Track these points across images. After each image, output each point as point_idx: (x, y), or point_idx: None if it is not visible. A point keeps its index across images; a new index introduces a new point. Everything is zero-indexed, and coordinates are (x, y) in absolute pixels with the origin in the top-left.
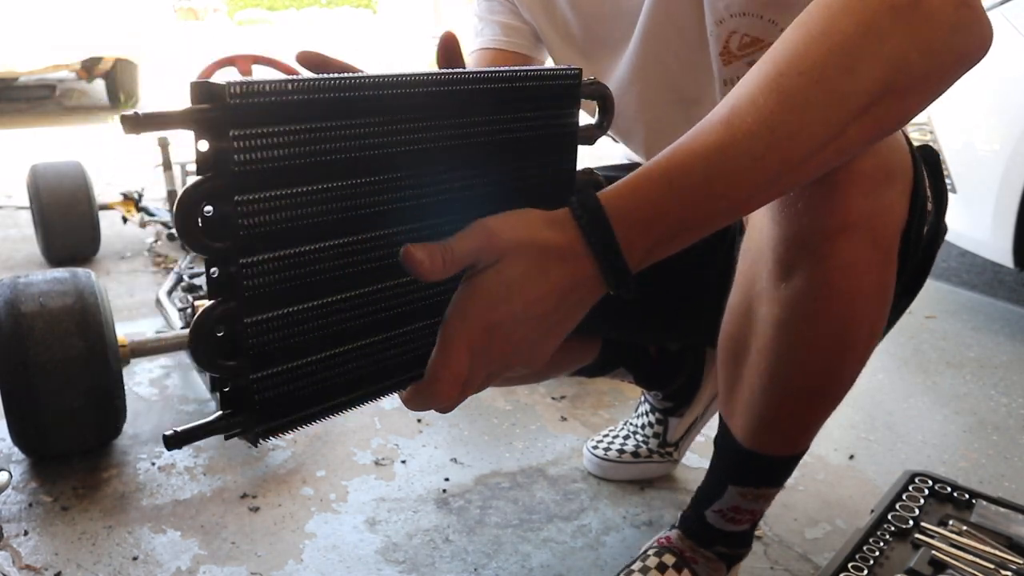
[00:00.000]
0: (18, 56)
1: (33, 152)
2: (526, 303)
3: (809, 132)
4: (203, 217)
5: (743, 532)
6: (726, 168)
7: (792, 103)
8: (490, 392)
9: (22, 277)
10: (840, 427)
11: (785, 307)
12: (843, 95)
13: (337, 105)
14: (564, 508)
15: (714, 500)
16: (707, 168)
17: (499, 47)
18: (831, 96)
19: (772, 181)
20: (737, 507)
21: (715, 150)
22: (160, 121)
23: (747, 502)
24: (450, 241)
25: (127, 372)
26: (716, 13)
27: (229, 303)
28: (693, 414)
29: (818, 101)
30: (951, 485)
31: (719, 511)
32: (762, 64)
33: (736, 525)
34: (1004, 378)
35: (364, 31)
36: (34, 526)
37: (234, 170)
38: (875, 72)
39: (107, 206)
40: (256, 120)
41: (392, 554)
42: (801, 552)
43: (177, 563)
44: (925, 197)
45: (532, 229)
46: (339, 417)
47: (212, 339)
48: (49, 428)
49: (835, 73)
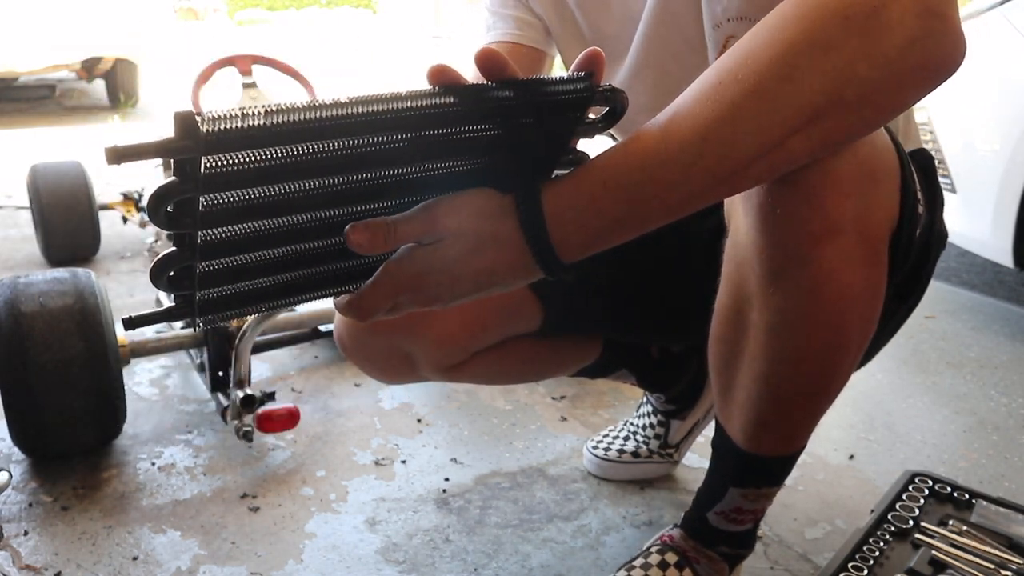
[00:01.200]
0: (18, 56)
1: (33, 152)
2: (454, 277)
3: (743, 143)
4: (167, 211)
5: (746, 532)
6: (658, 174)
7: (727, 113)
8: (490, 392)
9: (22, 277)
10: (840, 427)
11: (776, 312)
12: (781, 106)
13: (310, 131)
14: (564, 508)
15: (716, 502)
16: (641, 172)
17: (512, 40)
18: (768, 107)
19: (706, 189)
20: (739, 508)
21: (650, 155)
22: (140, 152)
23: (749, 502)
24: (395, 221)
25: (127, 372)
26: (714, 17)
27: (184, 255)
28: (695, 417)
29: (754, 111)
30: (951, 485)
31: (721, 513)
32: (708, 71)
33: (739, 525)
34: (1004, 378)
35: (364, 31)
36: (34, 526)
37: (200, 179)
38: (818, 84)
39: (107, 206)
40: (226, 148)
41: (392, 554)
42: (801, 552)
43: (177, 563)
44: (915, 199)
45: (474, 215)
46: (339, 417)
47: (169, 276)
48: (49, 428)
49: (773, 84)
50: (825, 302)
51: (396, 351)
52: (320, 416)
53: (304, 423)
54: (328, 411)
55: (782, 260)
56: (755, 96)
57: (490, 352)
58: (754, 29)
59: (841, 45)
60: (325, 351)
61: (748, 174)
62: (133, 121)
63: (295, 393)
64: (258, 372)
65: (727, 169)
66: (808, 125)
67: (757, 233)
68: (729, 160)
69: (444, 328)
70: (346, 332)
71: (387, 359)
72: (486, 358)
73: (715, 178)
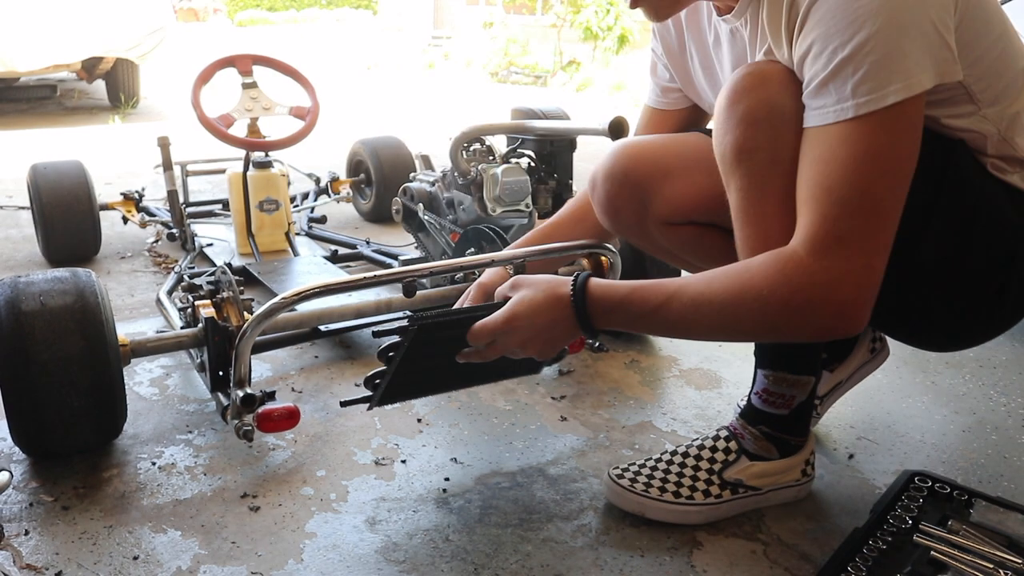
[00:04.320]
0: (19, 56)
1: (34, 152)
2: (529, 318)
3: (706, 335)
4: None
5: (782, 416)
6: (653, 320)
7: (695, 323)
8: (490, 392)
9: (23, 276)
10: (839, 427)
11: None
12: (730, 335)
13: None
14: (564, 508)
15: (753, 385)
16: (644, 313)
17: (655, 106)
18: (721, 333)
19: (686, 336)
20: (767, 390)
21: (651, 309)
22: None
23: (774, 385)
24: (501, 293)
25: (127, 372)
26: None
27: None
28: (842, 374)
29: (707, 329)
30: (950, 485)
31: (757, 394)
32: (700, 285)
33: (773, 408)
34: (1003, 378)
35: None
36: (35, 526)
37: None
38: (748, 330)
39: (107, 206)
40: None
41: (392, 554)
42: (801, 552)
43: (177, 563)
44: None
45: (544, 284)
46: (339, 417)
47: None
48: (49, 427)
49: (723, 323)
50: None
51: (637, 199)
52: (320, 416)
53: (304, 423)
54: (328, 411)
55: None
56: (712, 327)
57: (699, 226)
58: (731, 278)
59: (764, 321)
60: (325, 351)
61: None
62: (133, 122)
63: (295, 393)
64: (258, 372)
65: (691, 336)
66: (733, 339)
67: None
68: (699, 336)
69: (677, 193)
70: (602, 177)
71: (627, 204)
72: (695, 229)
73: (691, 336)
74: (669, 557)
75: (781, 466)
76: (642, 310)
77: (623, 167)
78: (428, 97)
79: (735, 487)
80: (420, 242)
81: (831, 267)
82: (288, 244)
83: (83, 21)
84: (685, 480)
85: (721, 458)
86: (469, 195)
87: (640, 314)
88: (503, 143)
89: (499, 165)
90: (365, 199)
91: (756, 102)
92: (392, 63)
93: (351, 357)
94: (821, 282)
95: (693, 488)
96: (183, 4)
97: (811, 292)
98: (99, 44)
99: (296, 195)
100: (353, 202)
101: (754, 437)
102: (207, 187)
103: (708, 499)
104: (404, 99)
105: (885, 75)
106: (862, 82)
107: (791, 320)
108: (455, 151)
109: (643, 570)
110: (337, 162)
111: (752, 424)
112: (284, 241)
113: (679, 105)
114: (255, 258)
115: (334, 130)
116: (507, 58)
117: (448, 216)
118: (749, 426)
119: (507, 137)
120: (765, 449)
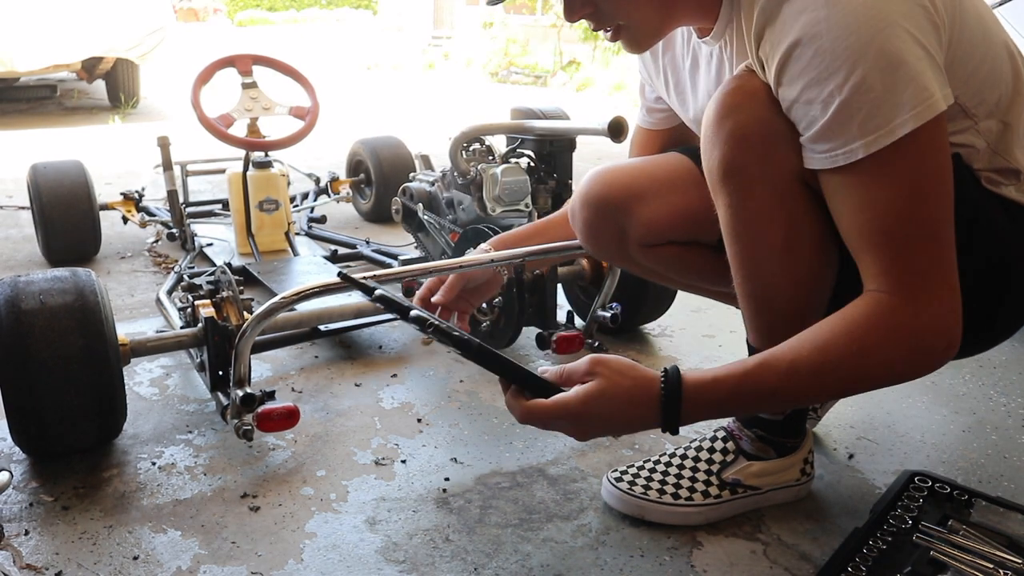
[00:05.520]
0: (19, 56)
1: (34, 152)
2: (602, 416)
3: (822, 400)
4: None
5: (776, 421)
6: (762, 407)
7: (815, 394)
8: (490, 392)
9: (22, 276)
10: (839, 427)
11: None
12: (837, 393)
13: None
14: (564, 508)
15: None
16: (753, 403)
17: (643, 126)
18: (840, 395)
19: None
20: None
21: (763, 396)
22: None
23: None
24: (572, 371)
25: (127, 372)
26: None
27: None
28: None
29: (820, 391)
30: (950, 485)
31: None
32: (813, 356)
33: (767, 413)
34: (1003, 378)
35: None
36: (35, 525)
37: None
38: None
39: (107, 206)
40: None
41: (392, 554)
42: (801, 552)
43: (177, 563)
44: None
45: (627, 376)
46: (339, 417)
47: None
48: (49, 427)
49: (834, 383)
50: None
51: (614, 224)
52: (320, 416)
53: (304, 423)
54: (328, 411)
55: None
56: (833, 393)
57: (680, 245)
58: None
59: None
60: (325, 351)
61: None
62: (133, 122)
63: (295, 393)
64: (258, 372)
65: (801, 403)
66: (843, 394)
67: None
68: (802, 401)
69: (652, 215)
70: (579, 204)
71: (605, 229)
72: (676, 248)
73: (793, 404)
74: (669, 557)
75: (779, 465)
76: (751, 400)
77: (597, 193)
78: (428, 97)
79: (734, 487)
80: (420, 242)
81: (929, 302)
82: (288, 244)
83: (83, 21)
84: (684, 481)
85: (719, 458)
86: (469, 195)
87: (747, 405)
88: (503, 143)
89: (499, 165)
90: (365, 199)
91: (744, 118)
92: (392, 63)
93: (351, 357)
94: (927, 320)
95: (692, 489)
96: (183, 4)
97: (924, 332)
98: (99, 44)
99: (296, 195)
100: (353, 202)
101: (750, 439)
102: (207, 187)
103: (708, 499)
104: (404, 99)
105: (889, 109)
106: (869, 119)
107: (915, 364)
108: (455, 151)
109: (643, 570)
110: (337, 162)
111: (747, 427)
112: (284, 241)
113: (665, 124)
114: (255, 258)
115: (334, 130)
116: (507, 58)
117: (448, 216)
118: (745, 428)
119: (507, 137)
120: (762, 450)
